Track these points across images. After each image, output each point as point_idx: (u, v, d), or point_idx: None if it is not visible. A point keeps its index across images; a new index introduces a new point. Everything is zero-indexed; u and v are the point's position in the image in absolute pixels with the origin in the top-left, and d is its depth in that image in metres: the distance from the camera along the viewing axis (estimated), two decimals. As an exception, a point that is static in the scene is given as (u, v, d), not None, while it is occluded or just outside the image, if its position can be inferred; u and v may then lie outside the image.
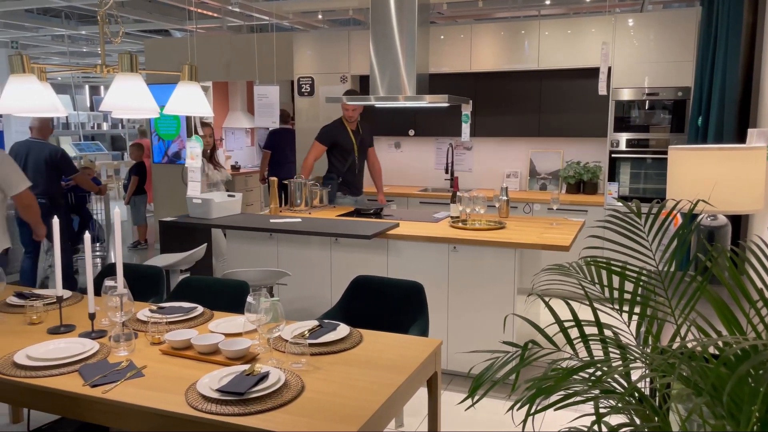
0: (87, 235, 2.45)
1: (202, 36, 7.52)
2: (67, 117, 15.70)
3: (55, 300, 2.71)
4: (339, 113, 6.17)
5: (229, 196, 4.52)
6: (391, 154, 6.66)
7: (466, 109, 4.61)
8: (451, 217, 4.17)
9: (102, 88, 18.53)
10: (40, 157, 5.05)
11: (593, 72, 5.24)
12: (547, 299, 1.77)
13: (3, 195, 3.81)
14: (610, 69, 5.06)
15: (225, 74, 7.12)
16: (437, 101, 4.30)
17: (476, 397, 1.60)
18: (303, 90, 6.30)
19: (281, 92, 6.35)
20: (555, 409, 1.43)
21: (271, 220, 4.14)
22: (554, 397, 1.44)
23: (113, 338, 2.25)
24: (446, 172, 6.03)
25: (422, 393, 2.36)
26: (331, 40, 6.14)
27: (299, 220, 4.19)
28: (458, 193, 4.12)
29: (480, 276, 3.64)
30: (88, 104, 17.32)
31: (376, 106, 5.76)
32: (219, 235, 5.20)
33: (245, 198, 7.81)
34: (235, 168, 8.37)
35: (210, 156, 5.06)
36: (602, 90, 4.82)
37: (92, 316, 2.40)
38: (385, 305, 2.98)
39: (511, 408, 1.49)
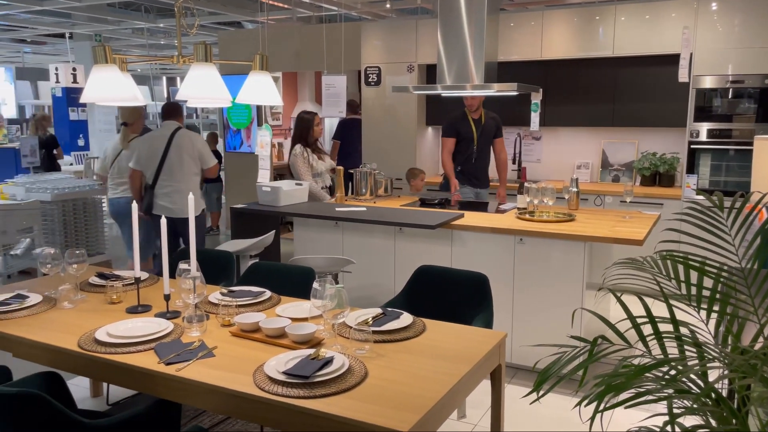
0: (163, 220, 2.56)
1: (272, 27, 7.67)
2: (145, 107, 16.40)
3: (133, 281, 2.84)
4: (406, 103, 6.17)
5: (297, 184, 4.60)
6: (457, 144, 6.58)
7: (536, 98, 4.50)
8: (518, 209, 4.09)
9: (178, 79, 19.25)
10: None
11: (672, 59, 4.99)
12: (618, 295, 1.71)
13: (199, 167, 4.61)
14: (691, 55, 4.81)
15: (294, 64, 7.24)
16: (506, 90, 4.22)
17: (541, 392, 1.57)
18: (370, 80, 6.33)
19: (348, 82, 6.40)
20: (626, 407, 1.38)
21: (337, 209, 4.19)
22: (624, 395, 1.39)
23: (186, 319, 2.35)
24: (513, 163, 5.92)
25: (485, 385, 2.34)
26: (399, 29, 6.13)
27: (364, 209, 4.22)
28: (526, 184, 4.04)
29: (547, 269, 3.56)
30: (165, 95, 18.04)
31: (443, 95, 5.71)
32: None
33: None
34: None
35: (314, 145, 4.94)
36: (683, 77, 4.59)
37: (167, 298, 2.51)
38: (449, 296, 2.96)
39: (578, 404, 1.45)
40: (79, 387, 3.48)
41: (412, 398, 1.81)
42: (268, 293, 2.77)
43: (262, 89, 2.68)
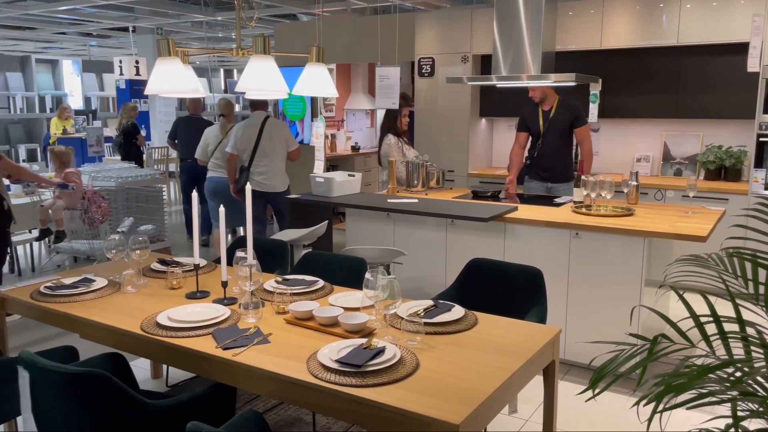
0: (221, 210, 2.62)
1: (327, 19, 7.73)
2: (204, 98, 16.84)
3: (192, 267, 2.93)
4: (459, 94, 6.11)
5: (349, 175, 4.64)
6: (511, 135, 6.49)
7: (595, 89, 4.38)
8: (574, 202, 4.00)
9: (235, 71, 19.64)
10: (200, 128, 6.14)
11: (740, 48, 4.76)
12: (680, 292, 1.65)
13: (285, 150, 5.28)
14: (761, 44, 4.57)
15: (348, 56, 7.27)
16: (563, 80, 4.12)
17: (597, 389, 1.54)
18: (423, 71, 6.29)
19: (401, 73, 6.38)
20: (687, 408, 1.34)
21: (389, 200, 4.20)
22: (685, 396, 1.35)
23: (243, 305, 2.41)
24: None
25: (537, 381, 2.31)
26: (454, 19, 6.07)
27: (416, 200, 4.22)
28: (583, 177, 3.94)
29: (604, 264, 3.47)
30: (223, 87, 18.45)
31: (498, 86, 5.63)
32: None
33: (364, 178, 7.99)
34: (355, 149, 8.56)
35: (403, 135, 4.97)
36: (752, 67, 4.37)
37: (225, 284, 2.58)
38: (501, 289, 2.93)
39: (637, 404, 1.41)
40: (140, 368, 3.62)
41: (464, 391, 1.80)
42: (321, 282, 2.80)
43: (318, 81, 2.71)
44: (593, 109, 4.52)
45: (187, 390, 2.96)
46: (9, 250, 4.49)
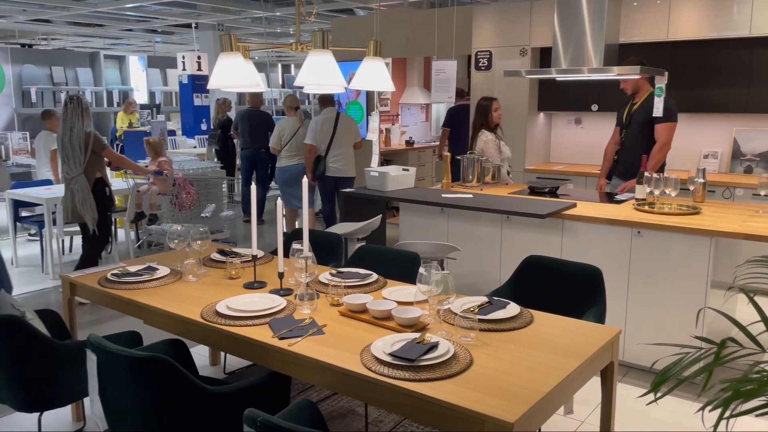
0: (279, 202, 2.67)
1: (384, 13, 7.73)
2: (262, 93, 17.15)
3: (250, 258, 2.99)
4: (517, 87, 6.00)
5: (403, 170, 4.64)
6: (570, 130, 6.35)
7: (660, 82, 4.20)
8: (636, 199, 3.87)
9: (292, 66, 19.93)
10: (260, 120, 7.12)
11: (822, 37, 4.49)
12: (751, 295, 1.58)
13: (353, 141, 6.13)
14: None
15: (404, 50, 7.26)
16: (627, 73, 3.99)
17: (659, 393, 1.49)
18: (480, 64, 6.22)
19: (457, 67, 6.32)
20: (756, 416, 1.28)
21: (443, 195, 4.18)
22: (753, 402, 1.29)
23: (298, 296, 2.44)
24: (631, 151, 5.59)
25: (594, 382, 2.25)
26: (512, 11, 5.96)
27: (470, 196, 4.18)
28: (646, 174, 3.81)
29: (667, 264, 3.35)
30: (280, 82, 18.75)
31: (557, 79, 5.50)
32: None
33: (418, 173, 7.97)
34: (409, 143, 8.55)
35: (496, 130, 4.91)
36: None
37: (281, 275, 2.62)
38: (558, 288, 2.87)
39: (702, 409, 1.36)
40: (199, 355, 3.74)
41: (519, 389, 1.78)
42: (374, 276, 2.82)
43: (375, 75, 2.71)
44: (658, 103, 4.35)
45: (243, 378, 3.04)
46: (112, 233, 4.91)
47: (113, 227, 5.20)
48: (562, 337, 2.17)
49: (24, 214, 5.92)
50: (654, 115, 4.23)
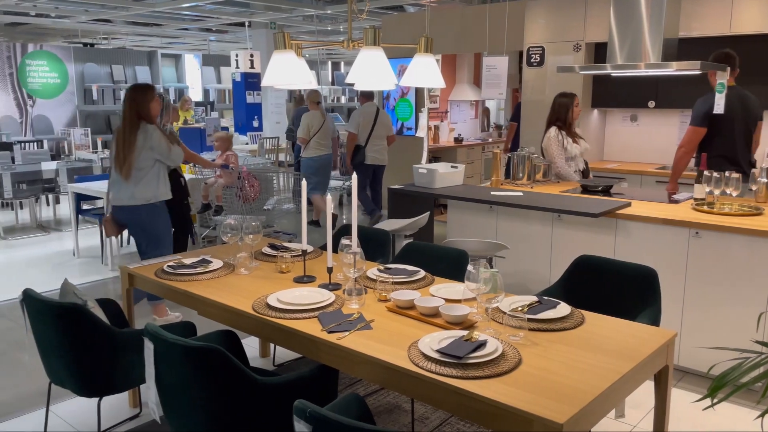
0: (328, 197, 2.70)
1: (435, 9, 7.70)
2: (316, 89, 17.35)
3: (300, 253, 3.04)
4: (570, 84, 5.88)
5: (452, 167, 4.61)
6: (625, 127, 6.18)
7: (722, 78, 4.04)
8: (695, 199, 3.74)
9: (342, 63, 20.08)
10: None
11: None
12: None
13: (387, 134, 6.99)
14: None
15: (454, 46, 7.21)
16: (687, 68, 3.86)
17: (716, 399, 1.44)
18: (532, 60, 6.12)
19: (508, 63, 6.24)
20: (823, 427, 1.22)
21: (492, 193, 4.14)
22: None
23: (347, 291, 2.47)
24: (690, 149, 5.40)
25: (648, 386, 2.19)
26: (566, 6, 5.84)
27: (520, 194, 4.12)
28: (705, 173, 3.68)
29: (726, 266, 3.23)
30: (330, 79, 18.92)
31: (612, 75, 5.37)
32: None
33: (466, 170, 7.91)
34: (458, 140, 8.50)
35: (571, 128, 4.77)
36: None
37: (330, 270, 2.65)
38: (611, 289, 2.81)
39: (761, 416, 1.31)
40: (249, 347, 3.82)
41: (569, 390, 1.75)
42: (422, 272, 2.82)
43: (426, 72, 2.71)
44: (719, 99, 4.18)
45: (292, 370, 3.09)
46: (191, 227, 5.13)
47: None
48: (614, 338, 2.12)
49: (85, 207, 6.17)
50: (714, 112, 4.07)
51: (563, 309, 2.35)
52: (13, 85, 13.17)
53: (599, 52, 5.77)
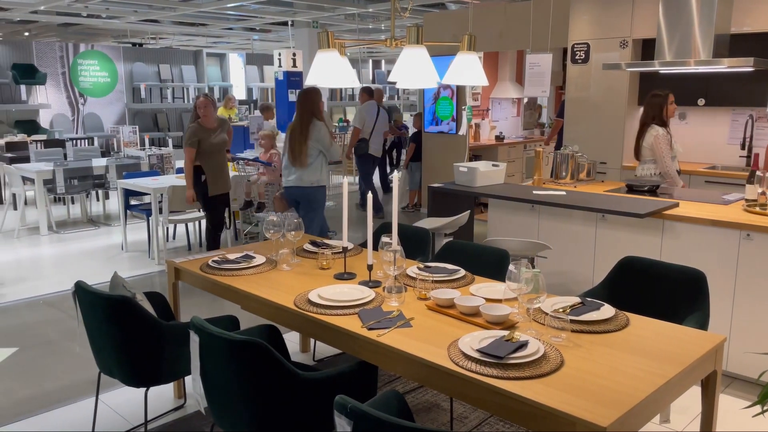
0: (369, 195, 2.72)
1: (477, 6, 7.64)
2: (353, 89, 17.47)
3: (341, 250, 3.07)
4: (615, 81, 5.76)
5: (493, 165, 4.58)
6: (673, 125, 5.99)
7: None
8: (746, 200, 3.62)
9: (383, 62, 20.11)
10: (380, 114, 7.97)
11: None
12: None
13: (385, 128, 7.88)
14: None
15: (497, 44, 7.14)
16: (739, 65, 3.74)
17: (767, 406, 1.39)
18: (577, 57, 6.01)
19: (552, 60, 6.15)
20: None
21: (534, 192, 4.09)
22: None
23: (387, 289, 2.48)
24: (742, 148, 5.25)
25: (694, 391, 2.14)
26: (613, 2, 5.71)
27: (564, 193, 4.06)
28: (758, 173, 3.55)
29: (779, 270, 3.12)
30: (371, 77, 18.98)
31: (661, 72, 5.23)
32: None
33: (508, 169, 7.81)
34: (499, 138, 8.41)
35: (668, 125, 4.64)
36: None
37: (370, 268, 2.67)
38: (657, 291, 2.74)
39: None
40: (290, 342, 3.87)
41: (613, 393, 1.72)
42: (462, 271, 2.81)
43: (469, 69, 2.70)
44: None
45: (332, 365, 3.13)
46: (230, 215, 5.50)
47: (228, 215, 5.58)
48: (660, 342, 2.08)
49: (133, 202, 6.35)
50: (769, 109, 3.93)
51: (607, 311, 2.31)
52: (65, 84, 13.65)
53: (646, 49, 5.63)
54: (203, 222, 6.54)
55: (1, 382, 3.42)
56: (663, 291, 2.72)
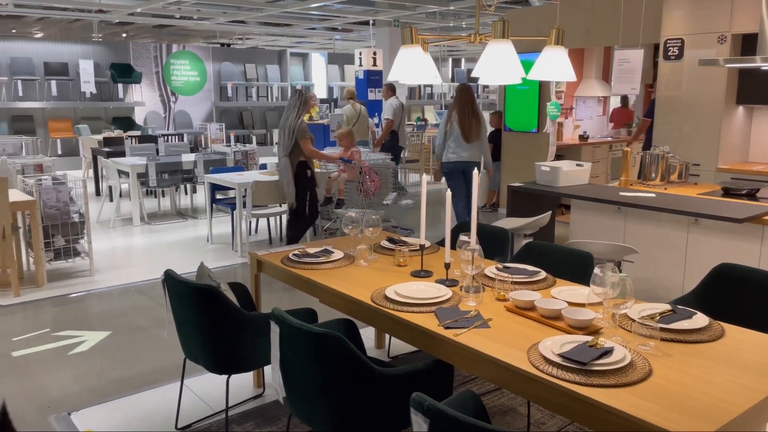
0: (448, 193, 2.69)
1: (563, 1, 7.42)
2: (431, 87, 17.43)
3: (418, 248, 3.06)
4: (711, 78, 5.43)
5: (577, 165, 4.43)
6: (775, 126, 5.60)
7: None
8: None
9: (462, 60, 19.94)
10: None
11: None
12: None
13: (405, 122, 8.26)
14: None
15: (583, 40, 6.91)
16: None
17: None
18: (670, 53, 5.72)
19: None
20: None
21: (621, 193, 3.92)
22: None
23: (464, 288, 2.45)
24: None
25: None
26: (711, -6, 5.39)
27: (653, 195, 3.87)
28: None
29: None
30: (450, 75, 18.86)
31: (762, 68, 4.89)
32: None
33: (592, 170, 7.53)
34: (583, 138, 8.14)
35: None
36: None
37: (447, 266, 2.64)
38: (756, 301, 2.56)
39: None
40: (365, 337, 3.90)
41: (706, 407, 1.62)
42: (543, 273, 2.73)
43: (556, 65, 2.61)
44: None
45: (407, 362, 3.12)
46: (316, 209, 5.66)
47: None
48: (758, 354, 1.93)
49: (219, 197, 6.61)
50: None
51: (700, 320, 2.18)
52: (158, 82, 14.40)
53: (746, 44, 5.27)
54: (284, 217, 6.72)
55: (94, 363, 3.65)
56: (762, 301, 2.54)
